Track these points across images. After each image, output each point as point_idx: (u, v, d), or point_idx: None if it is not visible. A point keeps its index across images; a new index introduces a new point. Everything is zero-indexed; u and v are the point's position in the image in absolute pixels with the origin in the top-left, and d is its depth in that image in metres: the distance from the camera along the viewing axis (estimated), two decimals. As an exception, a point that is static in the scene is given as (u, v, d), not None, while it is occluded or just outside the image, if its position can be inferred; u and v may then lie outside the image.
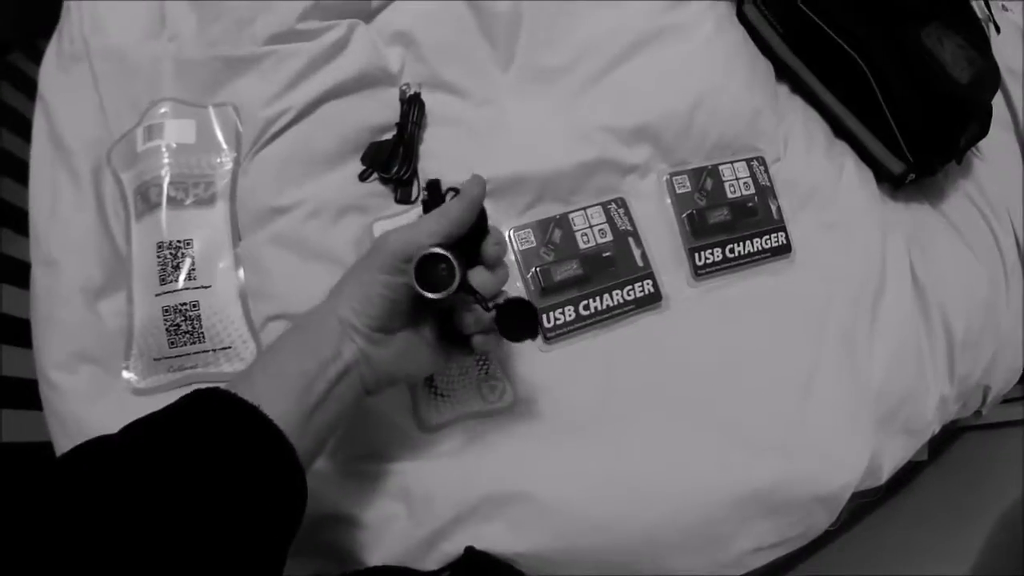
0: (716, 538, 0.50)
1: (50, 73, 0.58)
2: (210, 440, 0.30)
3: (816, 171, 0.62)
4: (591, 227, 0.54)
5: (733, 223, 0.57)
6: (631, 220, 0.55)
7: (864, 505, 0.86)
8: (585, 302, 0.52)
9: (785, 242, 0.58)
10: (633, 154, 0.57)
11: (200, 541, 0.28)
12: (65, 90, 0.57)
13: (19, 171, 0.59)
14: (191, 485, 0.29)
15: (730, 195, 0.58)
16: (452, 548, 0.45)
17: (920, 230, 0.65)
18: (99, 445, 0.30)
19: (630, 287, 0.53)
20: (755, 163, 0.59)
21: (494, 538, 0.46)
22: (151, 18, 0.58)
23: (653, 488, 0.49)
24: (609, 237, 0.54)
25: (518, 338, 0.38)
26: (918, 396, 0.60)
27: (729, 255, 0.56)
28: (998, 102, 0.72)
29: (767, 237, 0.58)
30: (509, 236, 0.53)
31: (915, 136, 0.61)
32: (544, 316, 0.51)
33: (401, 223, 0.50)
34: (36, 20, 0.62)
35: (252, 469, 0.31)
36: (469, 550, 0.45)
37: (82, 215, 0.53)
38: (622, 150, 0.56)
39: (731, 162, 0.59)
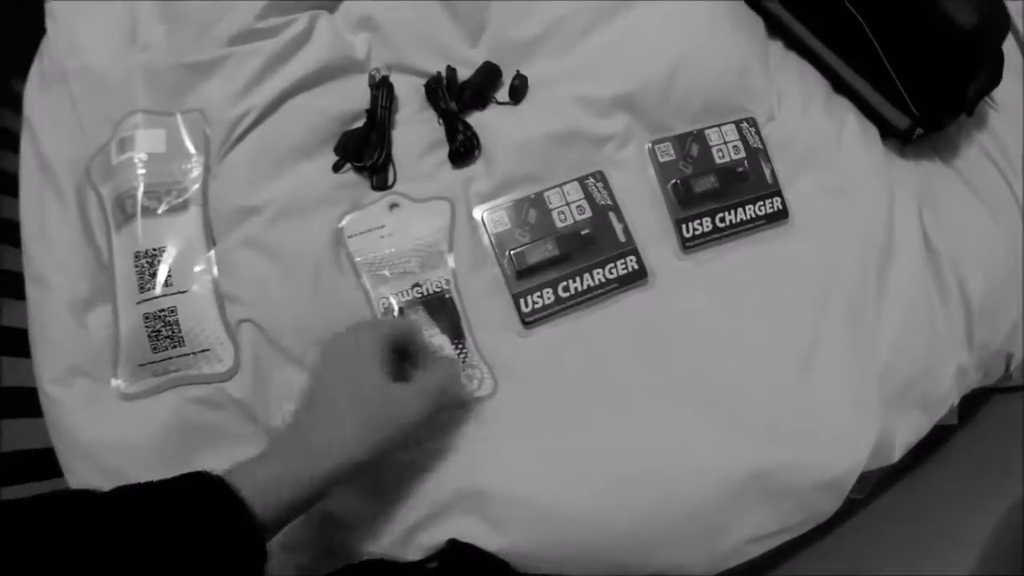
0: (710, 528, 0.48)
1: (33, 95, 0.59)
2: (184, 511, 0.32)
3: (814, 130, 0.58)
4: (568, 204, 0.52)
5: (723, 190, 0.54)
6: (611, 194, 0.53)
7: (892, 472, 0.82)
8: (564, 283, 0.50)
9: (781, 207, 0.55)
10: (609, 124, 0.54)
11: None
12: (47, 111, 0.58)
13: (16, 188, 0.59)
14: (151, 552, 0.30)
15: (718, 160, 0.55)
16: (433, 541, 0.45)
17: (932, 189, 0.61)
18: (82, 497, 0.32)
19: (612, 265, 0.51)
20: (744, 125, 0.56)
21: (474, 534, 0.45)
22: (123, 32, 0.59)
23: (640, 477, 0.47)
24: (588, 214, 0.52)
25: None
26: (932, 368, 0.56)
27: (720, 224, 0.53)
28: (1011, 49, 0.66)
29: (761, 203, 0.54)
30: (481, 218, 0.51)
31: (919, 88, 0.56)
32: (521, 300, 0.50)
33: (369, 215, 0.51)
34: (29, 46, 0.63)
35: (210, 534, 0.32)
36: (452, 542, 0.44)
37: (67, 232, 0.54)
38: (596, 121, 0.54)
39: (718, 125, 0.55)
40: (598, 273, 0.51)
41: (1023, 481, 0.66)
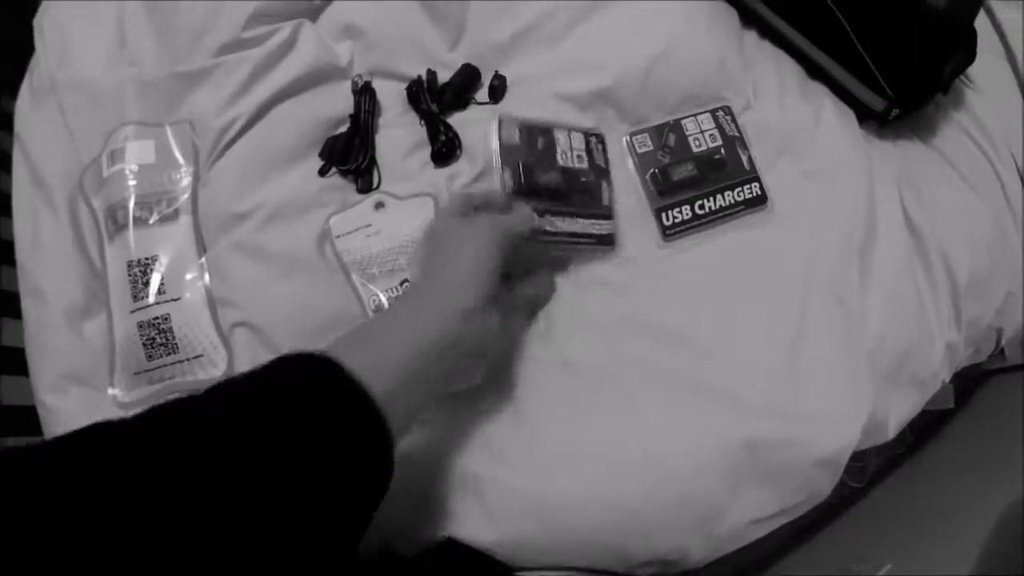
0: (709, 510, 0.48)
1: (24, 110, 0.60)
2: (305, 411, 0.30)
3: (791, 115, 0.59)
4: (572, 149, 0.51)
5: (701, 178, 0.55)
6: (606, 158, 0.54)
7: (891, 460, 0.82)
8: (552, 218, 0.49)
9: (760, 192, 0.56)
10: (588, 118, 0.55)
11: (279, 511, 0.28)
12: (38, 125, 0.59)
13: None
14: (277, 455, 0.28)
15: (695, 149, 0.56)
16: (427, 535, 0.45)
17: (913, 170, 0.61)
18: (184, 404, 0.30)
19: (596, 222, 0.51)
20: (720, 113, 0.57)
21: (470, 525, 0.45)
22: (113, 45, 0.60)
23: (633, 461, 0.47)
24: (585, 165, 0.52)
25: None
26: (921, 346, 0.56)
27: (699, 211, 0.54)
28: (986, 26, 0.67)
29: (739, 189, 0.55)
30: (497, 123, 0.49)
31: (893, 69, 0.57)
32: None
33: (355, 214, 0.52)
34: (19, 66, 0.65)
35: (345, 445, 0.30)
36: (449, 540, 0.44)
37: (61, 243, 0.55)
38: (575, 115, 0.55)
39: (694, 115, 0.56)
40: (582, 222, 0.50)
41: (1022, 468, 0.66)
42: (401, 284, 0.50)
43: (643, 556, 0.48)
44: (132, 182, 0.54)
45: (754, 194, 0.55)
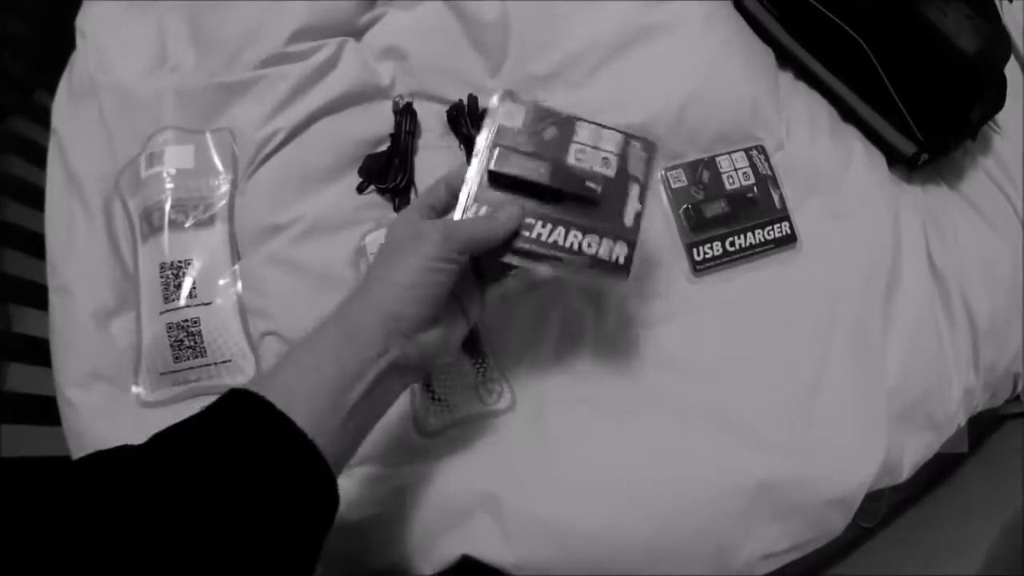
0: (721, 544, 0.48)
1: (62, 109, 0.61)
2: (237, 449, 0.30)
3: (822, 156, 0.60)
4: (596, 149, 0.42)
5: (732, 215, 0.55)
6: (648, 171, 0.44)
7: (902, 502, 0.82)
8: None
9: (789, 232, 0.57)
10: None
11: (224, 551, 0.27)
12: (76, 125, 0.60)
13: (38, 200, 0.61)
14: (215, 496, 0.28)
15: (728, 186, 0.56)
16: (446, 554, 0.45)
17: (938, 213, 0.62)
18: (119, 453, 0.30)
19: (597, 239, 0.41)
20: (754, 152, 0.58)
21: (488, 546, 0.45)
22: (153, 53, 0.61)
23: (651, 493, 0.47)
24: (611, 171, 0.42)
25: None
26: (940, 389, 0.57)
27: (729, 248, 0.55)
28: (1013, 70, 0.68)
29: (769, 228, 0.56)
30: (495, 102, 0.42)
31: (924, 114, 0.58)
32: (475, 207, 0.40)
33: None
34: (56, 60, 0.65)
35: (279, 478, 0.30)
36: (465, 558, 0.44)
37: (94, 243, 0.55)
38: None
39: (728, 153, 0.57)
40: (575, 236, 0.41)
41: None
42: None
43: (653, 582, 0.48)
44: (169, 185, 0.54)
45: (784, 233, 0.56)
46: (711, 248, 0.54)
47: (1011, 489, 0.73)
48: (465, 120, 0.54)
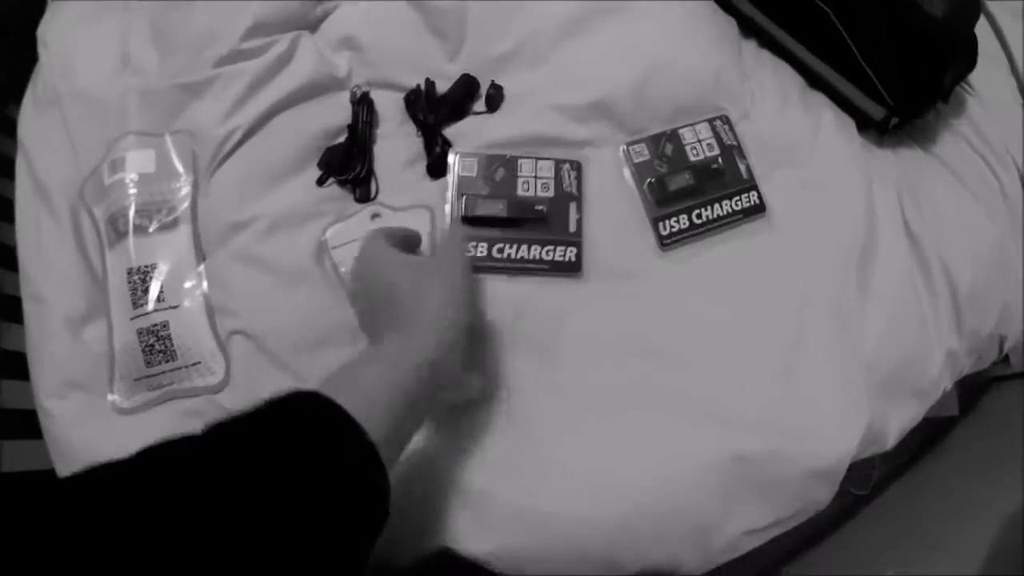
0: (702, 522, 0.48)
1: (28, 119, 0.61)
2: (301, 448, 0.30)
3: (790, 125, 0.59)
4: (536, 178, 0.54)
5: (698, 187, 0.55)
6: (579, 185, 0.54)
7: (896, 467, 0.81)
8: (501, 245, 0.52)
9: (758, 202, 0.56)
10: (585, 129, 0.55)
11: (279, 546, 0.27)
12: (41, 134, 0.59)
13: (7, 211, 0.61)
14: (277, 490, 0.28)
15: (692, 158, 0.56)
16: (424, 547, 0.45)
17: (913, 178, 0.61)
18: (183, 444, 0.30)
19: (551, 248, 0.52)
20: (718, 123, 0.57)
21: (465, 537, 0.45)
22: (116, 56, 0.61)
23: (627, 477, 0.47)
24: (550, 193, 0.54)
25: None
26: (922, 356, 0.56)
27: (696, 221, 0.54)
28: (987, 33, 0.67)
29: (737, 198, 0.55)
30: (453, 159, 0.54)
31: (892, 78, 0.57)
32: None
33: (351, 226, 0.52)
34: (27, 72, 0.65)
35: (341, 479, 0.30)
36: (443, 552, 0.44)
37: (63, 251, 0.55)
38: (572, 126, 0.55)
39: (691, 124, 0.56)
40: (536, 249, 0.52)
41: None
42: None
43: (635, 568, 0.48)
44: (133, 191, 0.54)
45: (752, 203, 0.55)
46: (677, 221, 0.54)
47: (1003, 450, 0.72)
48: (423, 106, 0.53)
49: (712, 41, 0.59)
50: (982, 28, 0.63)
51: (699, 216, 0.54)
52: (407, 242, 0.47)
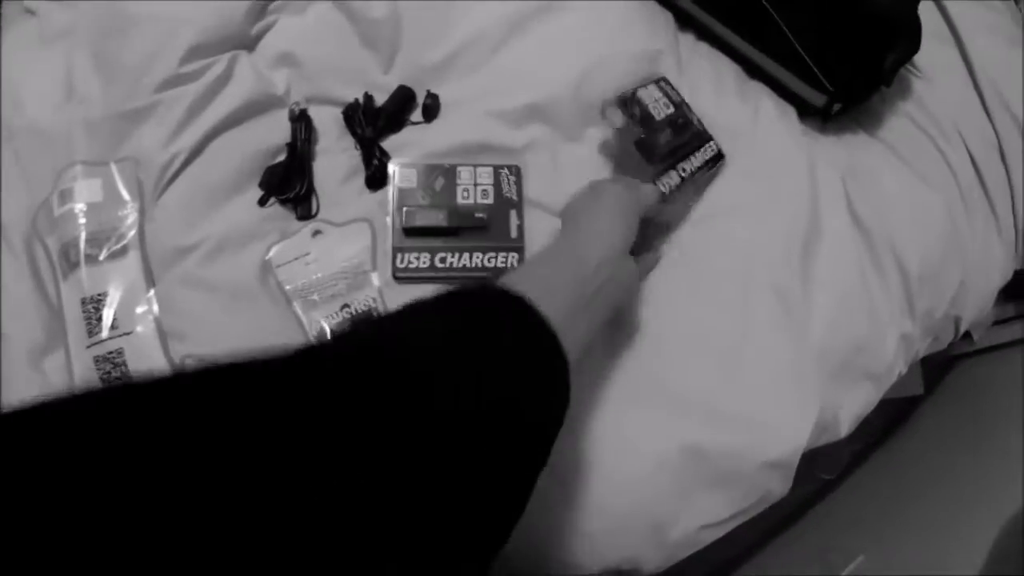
0: (657, 518, 0.49)
1: (-21, 156, 0.62)
2: (486, 337, 0.29)
3: (728, 115, 0.59)
4: (476, 185, 0.55)
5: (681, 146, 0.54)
6: (519, 190, 0.55)
7: (864, 448, 0.82)
8: (443, 254, 0.53)
9: (718, 150, 0.56)
10: (522, 135, 0.56)
11: (456, 438, 0.26)
12: (-6, 170, 0.60)
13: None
14: (459, 373, 0.27)
15: (658, 117, 0.54)
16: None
17: (858, 163, 0.61)
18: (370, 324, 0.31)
19: (493, 255, 0.53)
20: (663, 83, 0.56)
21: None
22: (61, 88, 0.61)
23: (576, 473, 0.48)
24: (490, 200, 0.54)
25: None
26: (873, 340, 0.56)
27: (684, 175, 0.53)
28: (934, 15, 0.66)
29: (702, 149, 0.55)
30: (393, 171, 0.54)
31: (832, 65, 0.57)
32: (398, 255, 0.52)
33: (293, 244, 0.53)
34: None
35: (536, 374, 0.30)
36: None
37: (21, 284, 0.56)
38: (509, 132, 0.55)
39: (645, 86, 0.55)
40: (478, 256, 0.53)
41: (992, 451, 0.66)
42: (341, 309, 0.51)
43: (594, 568, 0.48)
44: (82, 220, 0.55)
45: (715, 152, 0.57)
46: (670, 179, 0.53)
47: (970, 427, 0.73)
48: (360, 119, 0.54)
49: (648, 35, 0.59)
50: (926, 6, 0.62)
51: (684, 171, 0.54)
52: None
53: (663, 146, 0.53)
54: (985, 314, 0.64)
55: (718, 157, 0.57)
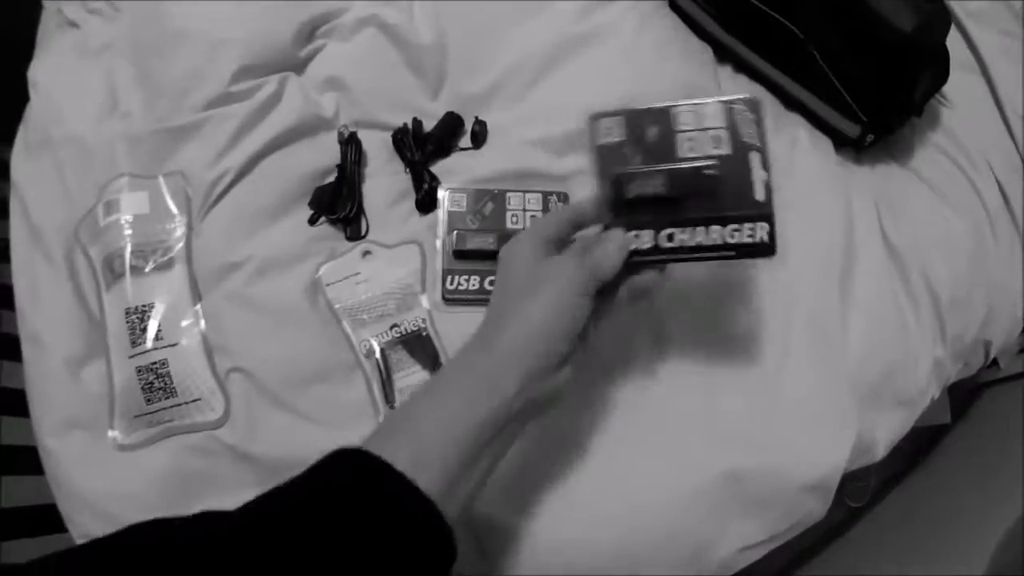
0: (697, 543, 0.49)
1: (20, 162, 0.62)
2: (352, 516, 0.29)
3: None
4: (524, 210, 0.55)
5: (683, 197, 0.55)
6: None
7: (890, 478, 0.82)
8: (492, 277, 0.52)
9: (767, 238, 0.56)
10: (566, 163, 0.56)
11: None
12: (34, 177, 0.60)
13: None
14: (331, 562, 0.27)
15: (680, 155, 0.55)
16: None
17: (891, 192, 0.62)
18: (218, 519, 0.29)
19: None
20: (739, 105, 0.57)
21: (460, 559, 0.46)
22: (103, 101, 0.62)
23: (618, 502, 0.48)
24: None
25: None
26: (906, 365, 0.57)
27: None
28: (960, 46, 0.68)
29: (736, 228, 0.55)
30: (443, 195, 0.55)
31: (866, 96, 0.58)
32: (448, 277, 0.53)
33: (344, 263, 0.53)
34: (14, 112, 0.66)
35: (398, 544, 0.29)
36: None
37: (59, 293, 0.56)
38: (553, 160, 0.56)
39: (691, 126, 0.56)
40: None
41: (1022, 479, 0.66)
42: (391, 328, 0.51)
43: (637, 592, 0.48)
44: (128, 232, 0.55)
45: (756, 241, 0.41)
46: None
47: (997, 456, 0.73)
48: (409, 143, 0.55)
49: (688, 68, 0.60)
50: (953, 37, 0.64)
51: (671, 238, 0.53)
52: (572, 225, 0.40)
53: (648, 192, 0.38)
54: (1014, 339, 0.65)
55: (761, 249, 0.40)
